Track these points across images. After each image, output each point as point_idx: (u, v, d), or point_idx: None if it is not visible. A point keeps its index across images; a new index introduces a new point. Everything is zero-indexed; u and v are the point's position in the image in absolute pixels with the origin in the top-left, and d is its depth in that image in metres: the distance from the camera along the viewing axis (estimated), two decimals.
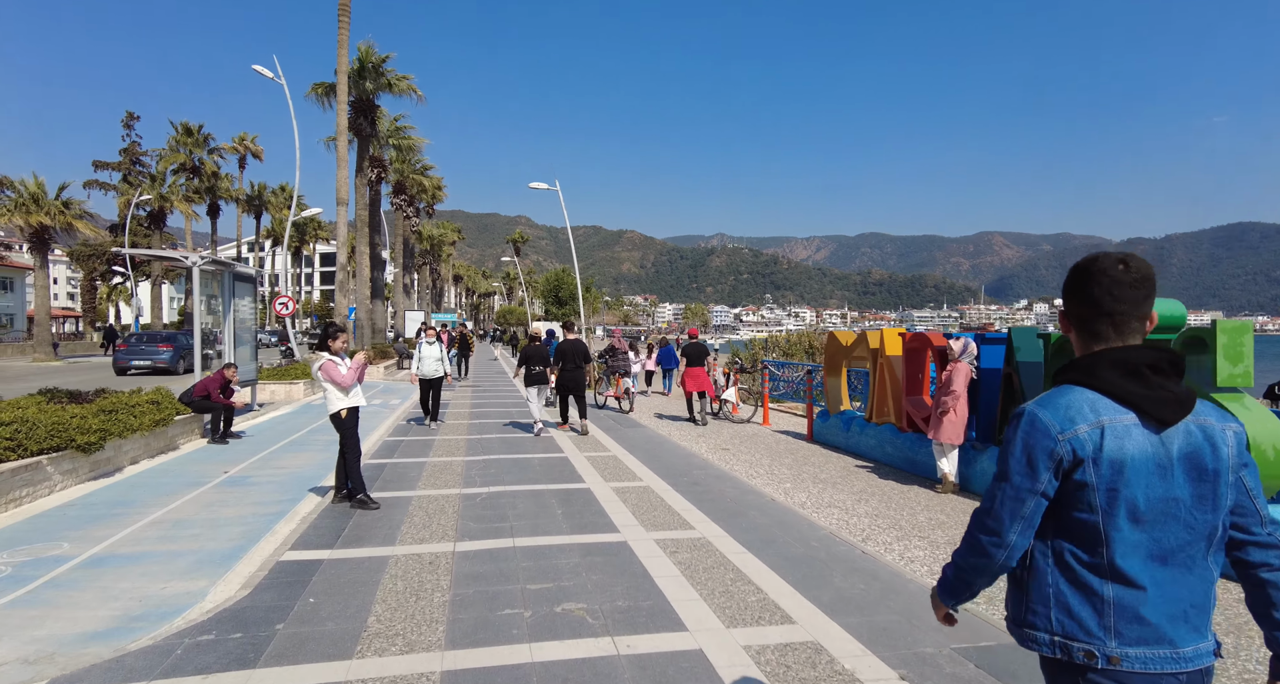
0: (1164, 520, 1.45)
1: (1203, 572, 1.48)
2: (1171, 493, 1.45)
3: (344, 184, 24.91)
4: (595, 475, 7.83)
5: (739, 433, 11.42)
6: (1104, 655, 1.43)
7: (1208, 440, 1.48)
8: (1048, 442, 1.47)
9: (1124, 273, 1.50)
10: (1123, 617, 1.44)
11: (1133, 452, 1.44)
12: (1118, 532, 1.45)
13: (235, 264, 12.17)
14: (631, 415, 13.50)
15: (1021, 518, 1.50)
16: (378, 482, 7.53)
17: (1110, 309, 1.51)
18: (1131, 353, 1.49)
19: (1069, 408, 1.48)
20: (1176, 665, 1.43)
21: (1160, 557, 1.45)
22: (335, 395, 6.41)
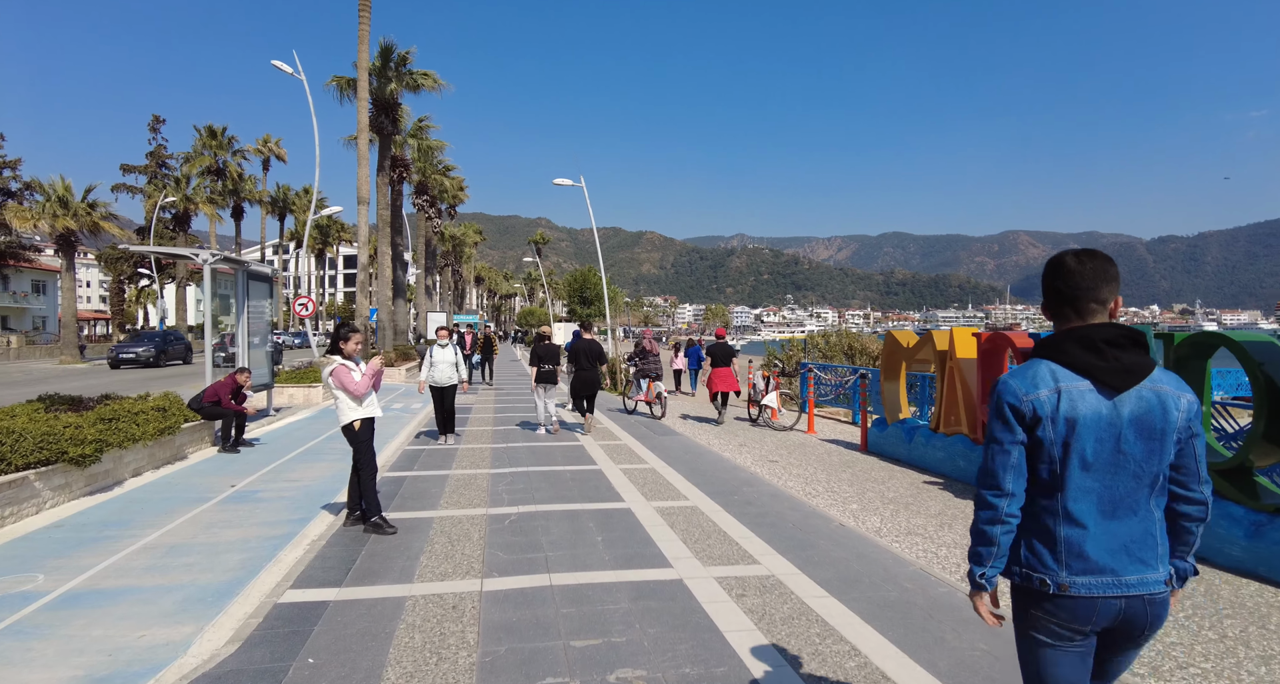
0: (1114, 471, 1.77)
1: (1145, 513, 1.80)
2: (1121, 448, 1.76)
3: (365, 183, 24.44)
4: (634, 492, 7.04)
5: (783, 442, 10.56)
6: (1055, 584, 1.77)
7: (1160, 404, 1.76)
8: (1015, 402, 1.80)
9: (1079, 265, 1.83)
10: (1070, 552, 1.77)
11: (1085, 412, 1.75)
12: (1071, 479, 1.78)
13: (249, 262, 11.60)
14: (664, 422, 12.70)
15: (1012, 467, 1.81)
16: (395, 499, 6.81)
17: (1070, 296, 1.83)
18: (1092, 330, 1.78)
19: (1034, 376, 1.81)
20: (1118, 590, 1.75)
21: (1109, 501, 1.78)
22: (348, 405, 5.71)
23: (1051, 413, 1.76)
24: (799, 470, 8.35)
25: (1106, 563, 1.76)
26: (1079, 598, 1.75)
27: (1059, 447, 1.77)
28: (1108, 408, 1.76)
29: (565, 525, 5.81)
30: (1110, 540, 1.76)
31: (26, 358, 35.63)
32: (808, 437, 11.17)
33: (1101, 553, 1.76)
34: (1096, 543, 1.76)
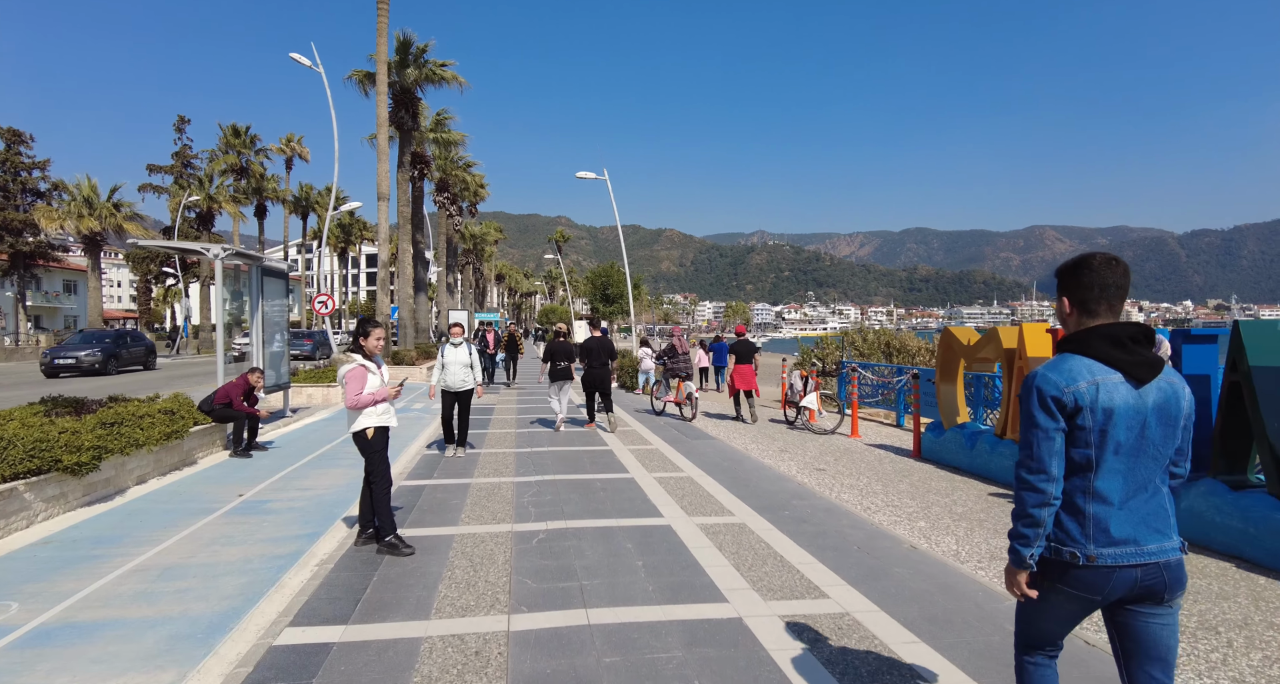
0: (1138, 454, 1.98)
1: (1156, 489, 2.01)
2: (1145, 434, 1.97)
3: (385, 178, 24.03)
4: (673, 505, 6.40)
5: (828, 447, 9.85)
6: (1084, 555, 1.95)
7: (1174, 394, 2.01)
8: (1057, 393, 1.97)
9: (1111, 268, 2.02)
10: (1098, 527, 1.96)
11: (1119, 402, 1.96)
12: (1105, 462, 1.97)
13: (264, 258, 11.14)
14: (696, 424, 12.04)
15: (1055, 452, 1.97)
16: (412, 512, 6.23)
17: (1100, 296, 2.02)
18: (1118, 328, 1.99)
19: (1071, 370, 1.98)
20: (1140, 558, 1.94)
21: (1134, 483, 1.98)
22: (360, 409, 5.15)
23: (1091, 403, 1.94)
24: (851, 480, 7.64)
25: (1129, 535, 1.95)
26: (1101, 568, 1.93)
27: (1096, 433, 1.94)
28: (1135, 398, 1.95)
29: (600, 546, 5.18)
30: (1132, 515, 1.96)
31: None
32: (852, 441, 10.44)
33: (1124, 527, 1.95)
34: (1120, 518, 1.95)
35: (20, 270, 36.79)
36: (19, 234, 35.88)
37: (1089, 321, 2.02)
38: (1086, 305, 2.03)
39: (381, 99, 23.92)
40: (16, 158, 35.62)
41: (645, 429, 11.40)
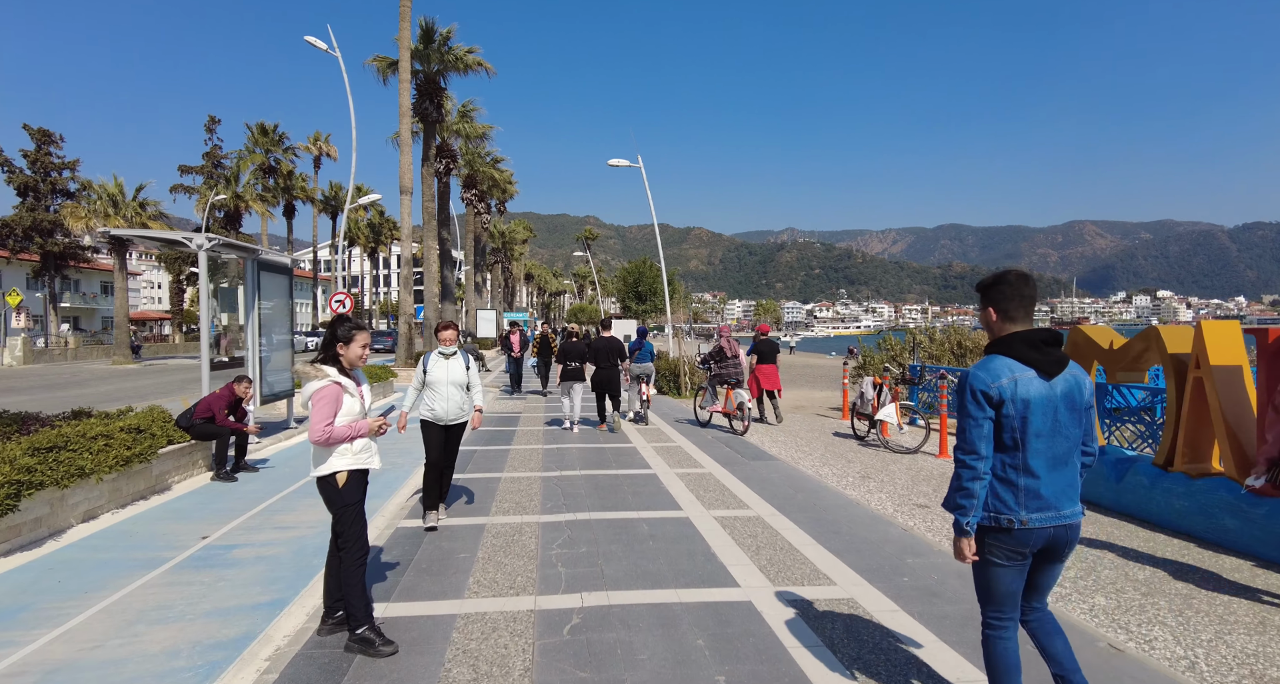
0: (1055, 436, 2.49)
1: (1072, 466, 2.55)
2: (1058, 418, 2.49)
3: (407, 171, 22.88)
4: (749, 566, 4.83)
5: (917, 472, 8.18)
6: (1018, 521, 2.47)
7: (1078, 385, 2.54)
8: (985, 388, 2.48)
9: (1026, 285, 2.57)
10: (1030, 497, 2.48)
11: (1034, 394, 2.46)
12: (1029, 444, 2.47)
13: (260, 250, 9.84)
14: (751, 439, 10.45)
15: (985, 437, 2.48)
16: (406, 572, 4.76)
17: (1020, 307, 2.57)
18: (1033, 333, 2.53)
19: (996, 369, 2.50)
20: (1059, 521, 2.49)
21: (1053, 459, 2.49)
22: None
23: (1011, 395, 2.46)
24: None
25: (1051, 502, 2.48)
26: (1031, 529, 2.47)
27: (1019, 419, 2.47)
28: (1047, 389, 2.48)
29: (658, 641, 3.65)
30: (1053, 486, 2.49)
31: (84, 358, 35.68)
32: (942, 463, 8.74)
33: (1048, 495, 2.48)
34: (1044, 489, 2.48)
35: (51, 271, 36.64)
36: (49, 235, 35.72)
37: (1010, 327, 2.58)
38: (1008, 314, 2.59)
39: (404, 87, 22.75)
40: (46, 158, 35.43)
41: (691, 445, 9.85)
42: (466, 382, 5.91)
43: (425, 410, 5.85)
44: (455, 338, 5.90)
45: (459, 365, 5.87)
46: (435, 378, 5.77)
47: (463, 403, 5.87)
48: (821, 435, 11.00)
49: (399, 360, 23.01)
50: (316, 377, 3.65)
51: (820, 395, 18.94)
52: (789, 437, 10.83)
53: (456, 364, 5.85)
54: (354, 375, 3.83)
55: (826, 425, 12.33)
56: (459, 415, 5.87)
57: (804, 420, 13.10)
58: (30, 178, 34.79)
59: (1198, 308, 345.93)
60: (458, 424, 5.93)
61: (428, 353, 5.92)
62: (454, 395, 5.80)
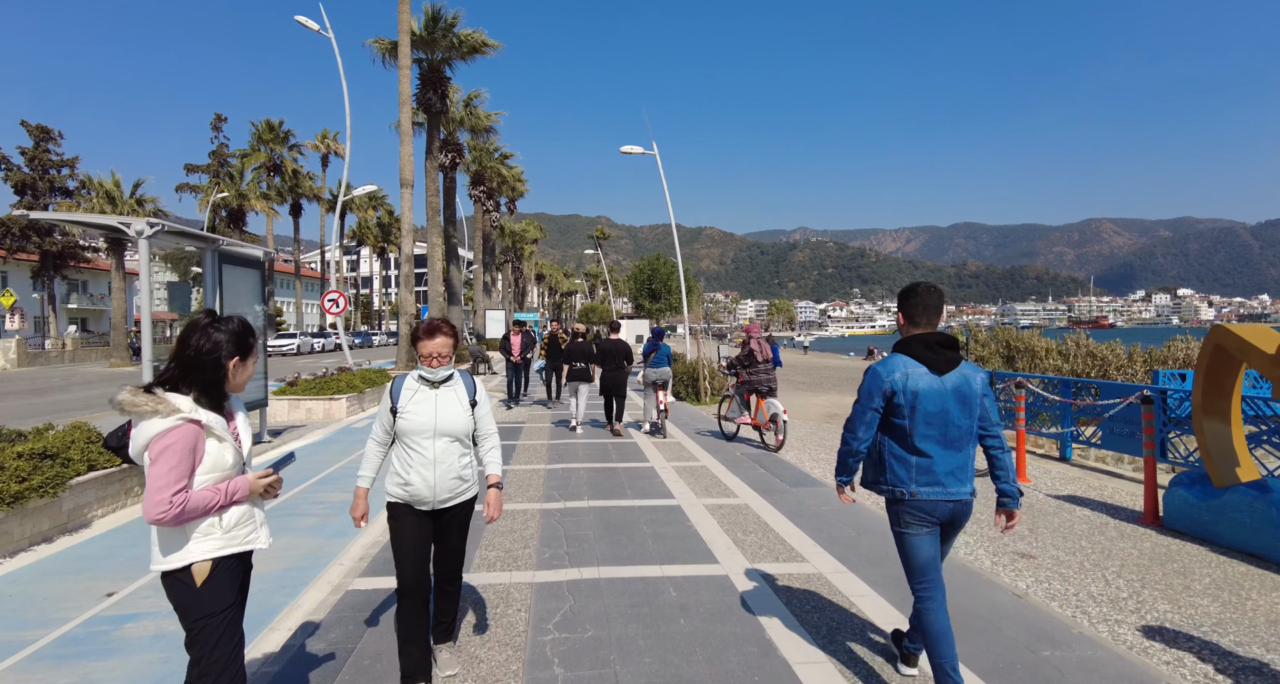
0: (944, 423, 2.87)
1: (966, 450, 2.93)
2: (949, 408, 2.87)
3: (408, 162, 21.61)
4: (821, 660, 3.44)
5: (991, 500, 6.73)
6: (908, 492, 2.90)
7: (967, 381, 2.91)
8: (879, 382, 2.93)
9: (930, 294, 2.99)
10: (921, 474, 2.90)
11: (923, 387, 2.87)
12: (917, 429, 2.89)
13: (221, 240, 8.54)
14: (786, 457, 9.03)
15: (865, 423, 2.98)
16: (342, 674, 3.39)
17: (922, 313, 2.98)
18: (929, 336, 2.95)
19: (892, 365, 2.93)
20: (946, 496, 2.89)
21: (943, 442, 2.89)
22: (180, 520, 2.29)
23: (901, 388, 2.89)
24: (1098, 585, 4.52)
25: (940, 479, 2.88)
26: (925, 500, 2.88)
27: (908, 408, 2.88)
28: (938, 383, 2.88)
29: None
30: (944, 467, 2.88)
31: (82, 360, 34.79)
32: (1027, 490, 7.28)
33: (937, 474, 2.88)
34: (937, 467, 2.88)
35: (50, 271, 35.80)
36: (48, 233, 34.86)
37: (914, 331, 3.00)
38: (914, 319, 3.01)
39: (403, 73, 21.49)
40: (45, 155, 34.57)
41: (718, 465, 8.44)
42: (468, 430, 3.25)
43: (394, 484, 3.21)
44: (449, 351, 3.20)
45: (454, 401, 3.22)
46: (412, 423, 3.14)
47: (461, 470, 3.23)
48: None
49: (399, 363, 21.77)
50: (154, 411, 2.26)
51: (852, 400, 17.49)
52: (828, 452, 9.40)
53: (450, 399, 3.22)
54: (229, 407, 2.46)
55: None
56: (453, 492, 3.22)
57: (839, 430, 11.67)
58: (28, 175, 33.93)
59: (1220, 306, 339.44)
60: (452, 507, 3.27)
61: (400, 376, 3.27)
62: (445, 456, 3.17)
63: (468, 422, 3.23)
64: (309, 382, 14.29)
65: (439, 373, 3.18)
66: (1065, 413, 8.89)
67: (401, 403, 3.16)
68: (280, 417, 13.40)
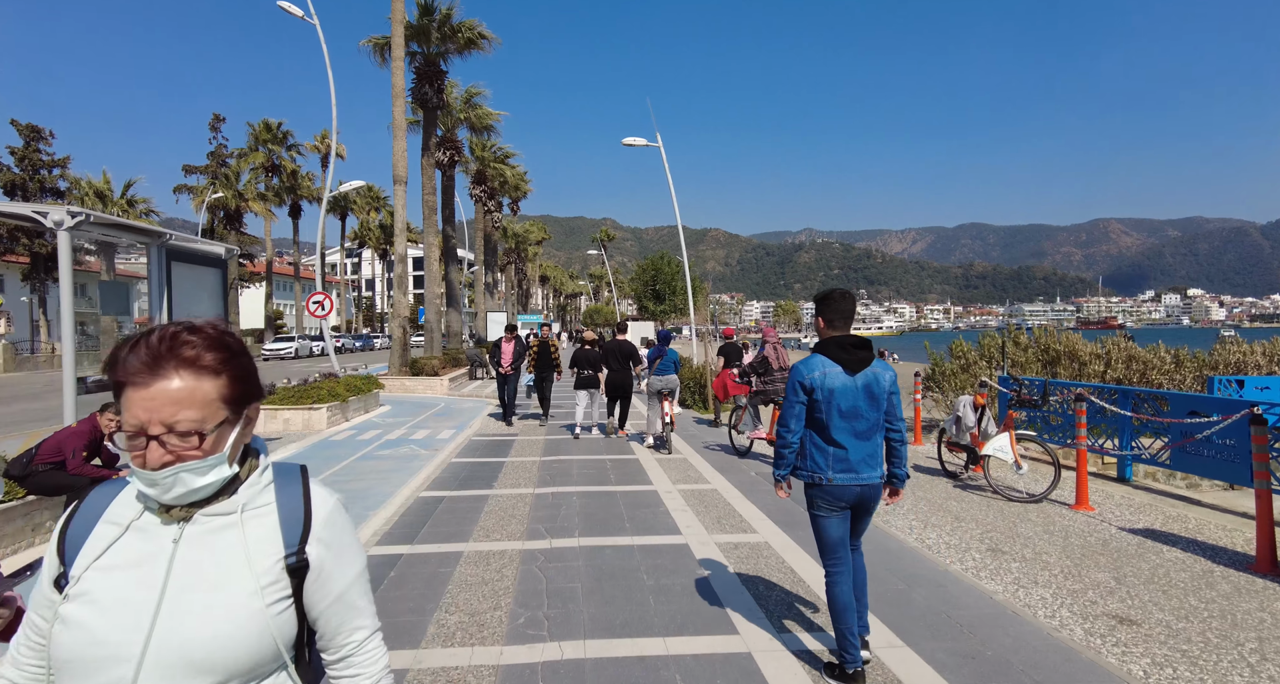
0: (855, 417, 3.24)
1: (874, 441, 3.30)
2: (858, 404, 3.24)
3: (401, 159, 20.68)
4: None
5: (1067, 538, 5.66)
6: (825, 479, 3.25)
7: (877, 378, 3.27)
8: (802, 379, 3.28)
9: (844, 300, 3.35)
10: (837, 462, 3.25)
11: (838, 384, 3.23)
12: (833, 423, 3.24)
13: (167, 233, 7.57)
14: None
15: (795, 417, 3.32)
16: None
17: (839, 318, 3.34)
18: (844, 339, 3.31)
19: (811, 365, 3.30)
20: (859, 481, 3.25)
21: (855, 434, 3.25)
22: None
23: (819, 385, 3.25)
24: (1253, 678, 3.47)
25: (854, 467, 3.24)
26: (838, 486, 3.25)
27: (825, 403, 3.24)
28: (850, 381, 3.24)
29: None
30: (856, 455, 3.24)
31: None
32: (1088, 519, 6.20)
33: (850, 462, 3.24)
34: (851, 456, 3.24)
35: (41, 274, 35.03)
36: (38, 235, 34.07)
37: (831, 333, 3.36)
38: (831, 323, 3.37)
39: (397, 65, 20.57)
40: (35, 155, 33.80)
41: (731, 488, 7.39)
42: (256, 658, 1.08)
43: None
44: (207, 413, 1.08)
45: (226, 570, 1.10)
46: (82, 639, 1.03)
47: None
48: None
49: (392, 368, 20.82)
50: None
51: None
52: None
53: (215, 564, 1.10)
54: None
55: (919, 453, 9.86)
56: None
57: None
58: (18, 176, 33.15)
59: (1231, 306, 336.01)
60: None
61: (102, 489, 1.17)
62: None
63: (258, 635, 1.08)
64: (289, 389, 13.33)
65: (186, 484, 1.08)
66: (1124, 427, 7.82)
67: (78, 567, 1.09)
68: (256, 427, 12.45)
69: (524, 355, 12.52)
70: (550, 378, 12.49)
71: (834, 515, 3.29)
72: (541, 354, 12.47)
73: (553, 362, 12.42)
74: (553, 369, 12.47)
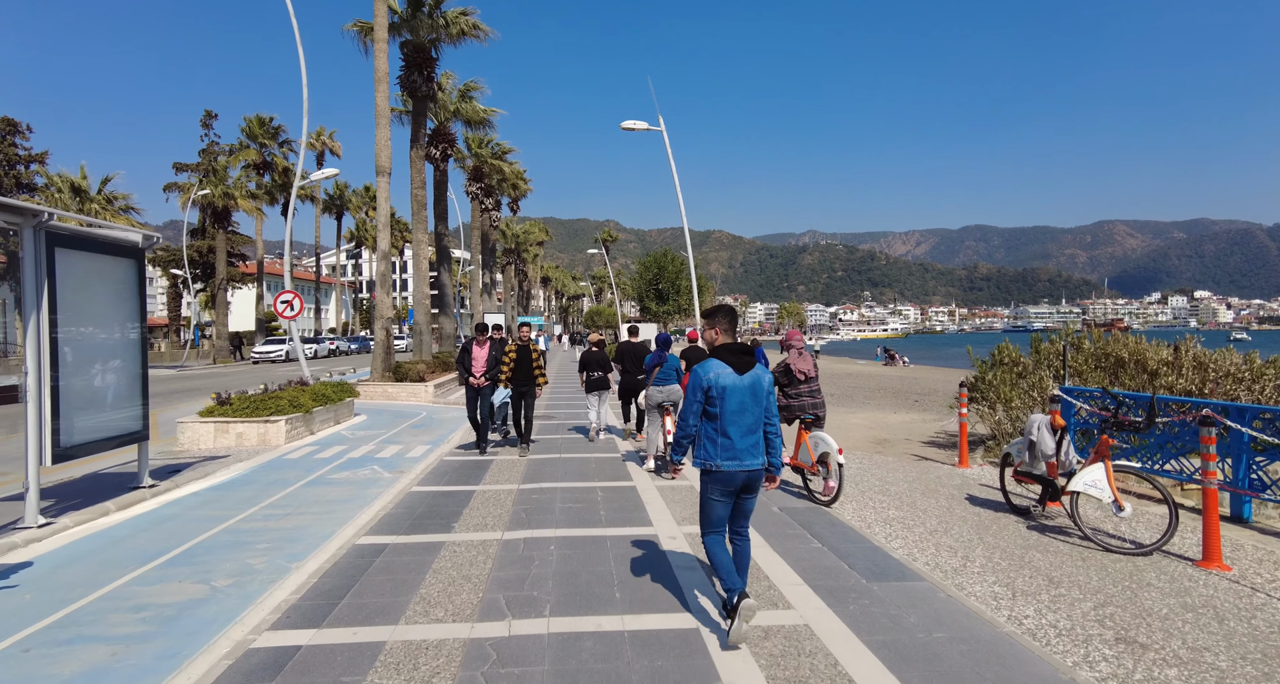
0: (743, 413, 3.75)
1: (757, 433, 3.82)
2: (744, 401, 3.75)
3: (385, 147, 19.20)
4: None
5: (1201, 611, 4.13)
6: (715, 466, 3.75)
7: (759, 379, 3.82)
8: (700, 380, 3.77)
9: (732, 313, 3.98)
10: (725, 451, 3.74)
11: (729, 384, 3.74)
12: (725, 417, 3.75)
13: (46, 210, 6.02)
14: (844, 516, 6.46)
15: (694, 413, 3.82)
16: None
17: (729, 326, 3.94)
18: (732, 346, 3.86)
19: (709, 367, 3.78)
20: (743, 468, 3.74)
21: (742, 428, 3.75)
22: None
23: (713, 384, 3.76)
24: None
25: (740, 456, 3.76)
26: (726, 472, 3.77)
27: (720, 401, 3.76)
28: (739, 380, 3.77)
29: None
30: (742, 446, 3.76)
31: None
32: (1221, 579, 4.67)
33: (737, 451, 3.75)
34: (737, 445, 3.76)
35: (15, 274, 33.64)
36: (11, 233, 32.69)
37: (723, 340, 3.92)
38: (725, 331, 3.94)
39: (380, 46, 19.10)
40: (11, 150, 32.46)
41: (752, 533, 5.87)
42: None
43: None
44: None
45: None
46: None
47: None
48: (951, 502, 6.98)
49: (374, 373, 19.33)
50: None
51: (899, 419, 14.83)
52: (900, 506, 6.83)
53: None
54: None
55: (939, 475, 8.30)
56: None
57: (901, 466, 9.07)
58: None
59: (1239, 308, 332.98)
60: None
61: None
62: None
63: None
64: (247, 399, 11.84)
65: None
66: (1239, 452, 6.28)
67: None
68: (205, 443, 10.97)
69: (498, 363, 9.72)
70: (531, 392, 9.67)
71: (722, 500, 3.85)
72: (520, 362, 9.48)
73: (534, 373, 9.51)
74: (533, 382, 9.57)
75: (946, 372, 35.64)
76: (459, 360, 9.95)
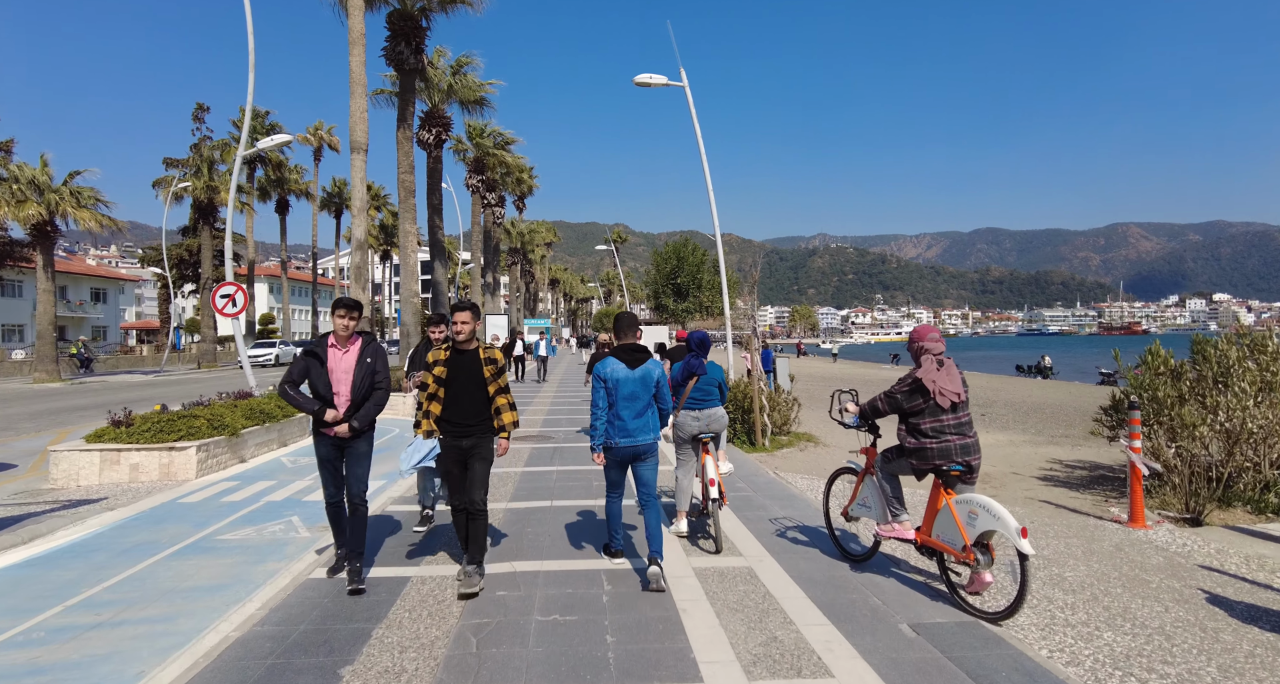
0: (634, 399, 4.81)
1: (646, 415, 4.86)
2: (635, 389, 4.80)
3: (360, 121, 16.60)
4: None
5: None
6: (614, 444, 4.82)
7: (648, 371, 4.86)
8: (601, 373, 4.84)
9: (632, 317, 5.09)
10: (620, 431, 4.80)
11: (622, 376, 4.80)
12: (619, 403, 4.80)
13: None
14: (1038, 649, 3.67)
15: (601, 398, 4.83)
16: None
17: (626, 329, 5.02)
18: (628, 346, 4.94)
19: (607, 363, 4.87)
20: (633, 443, 4.81)
21: (633, 412, 4.82)
22: None
23: (609, 376, 4.76)
24: None
25: (633, 434, 4.77)
26: (620, 447, 4.78)
27: (615, 390, 4.75)
28: (630, 373, 4.78)
29: None
30: (634, 425, 4.76)
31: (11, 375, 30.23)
32: None
33: (630, 430, 4.76)
34: (630, 426, 4.76)
35: None
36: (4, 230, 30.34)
37: (621, 341, 4.94)
38: (620, 334, 4.97)
39: (355, 2, 16.49)
40: None
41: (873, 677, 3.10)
42: None
43: None
44: None
45: None
46: None
47: None
48: (1184, 607, 4.20)
49: None
50: None
51: (1027, 453, 11.77)
52: (1113, 620, 4.05)
53: None
54: None
55: (1116, 543, 5.45)
56: None
57: (1045, 524, 6.22)
58: None
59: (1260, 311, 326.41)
60: None
61: None
62: None
63: None
64: (155, 418, 9.12)
65: None
66: None
67: None
68: (86, 478, 8.29)
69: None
70: (485, 447, 4.69)
71: (616, 468, 4.92)
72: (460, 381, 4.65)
73: (491, 401, 4.71)
74: (486, 422, 4.70)
75: (977, 377, 32.80)
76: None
